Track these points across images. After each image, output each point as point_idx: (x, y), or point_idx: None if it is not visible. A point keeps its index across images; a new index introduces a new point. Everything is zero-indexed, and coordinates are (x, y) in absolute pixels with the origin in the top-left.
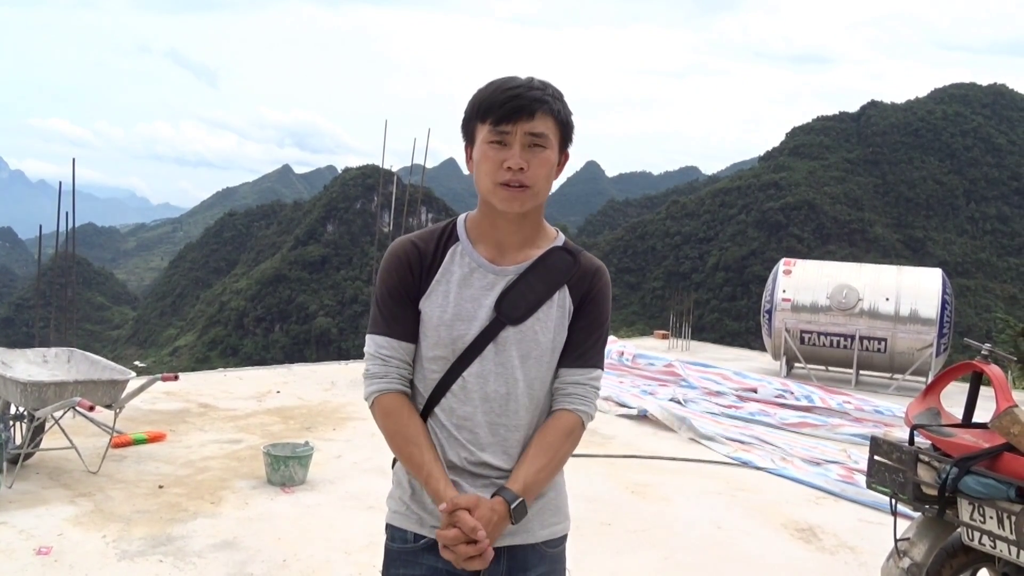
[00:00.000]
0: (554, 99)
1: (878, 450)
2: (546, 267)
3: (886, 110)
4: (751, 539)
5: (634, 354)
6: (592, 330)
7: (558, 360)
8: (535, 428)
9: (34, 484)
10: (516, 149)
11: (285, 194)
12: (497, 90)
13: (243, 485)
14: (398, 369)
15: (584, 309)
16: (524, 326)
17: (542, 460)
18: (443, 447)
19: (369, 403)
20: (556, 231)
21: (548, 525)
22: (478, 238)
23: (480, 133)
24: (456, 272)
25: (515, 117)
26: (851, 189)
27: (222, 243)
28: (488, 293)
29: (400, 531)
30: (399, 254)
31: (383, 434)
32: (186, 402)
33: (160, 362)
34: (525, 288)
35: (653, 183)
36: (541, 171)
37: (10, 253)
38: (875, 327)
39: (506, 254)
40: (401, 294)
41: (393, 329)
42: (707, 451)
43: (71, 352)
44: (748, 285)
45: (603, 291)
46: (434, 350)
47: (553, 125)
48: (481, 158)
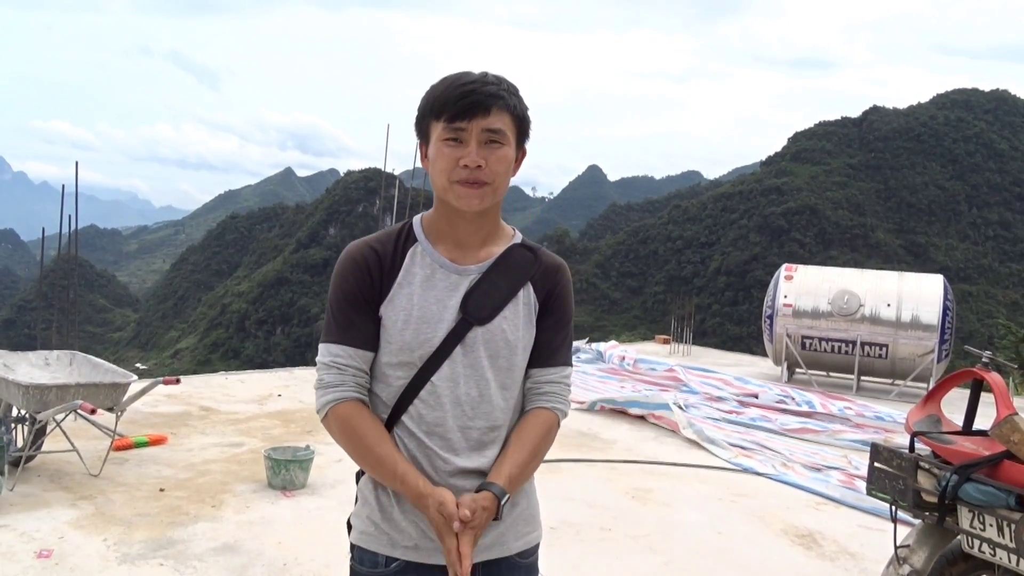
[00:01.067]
0: (509, 94)
1: (878, 457)
2: (508, 265)
3: (888, 115)
4: (751, 545)
5: (635, 359)
6: (560, 328)
7: (528, 360)
8: (508, 429)
9: (35, 487)
10: (473, 146)
11: (287, 197)
12: (451, 86)
13: (244, 489)
14: (355, 378)
15: (550, 307)
16: (491, 325)
17: (524, 457)
18: (414, 458)
19: (323, 414)
20: (513, 229)
21: (522, 536)
22: (437, 238)
23: (435, 130)
24: (418, 274)
25: (470, 114)
26: (853, 194)
27: (224, 246)
28: (452, 294)
29: (370, 554)
30: (356, 258)
31: (343, 444)
32: (187, 405)
33: (161, 364)
34: (489, 287)
35: (655, 187)
36: (499, 167)
37: (12, 255)
38: (876, 333)
39: (467, 253)
40: (359, 300)
41: (350, 336)
42: (708, 456)
43: (73, 355)
44: (750, 290)
45: (566, 288)
46: (399, 356)
47: (509, 121)
48: (436, 156)
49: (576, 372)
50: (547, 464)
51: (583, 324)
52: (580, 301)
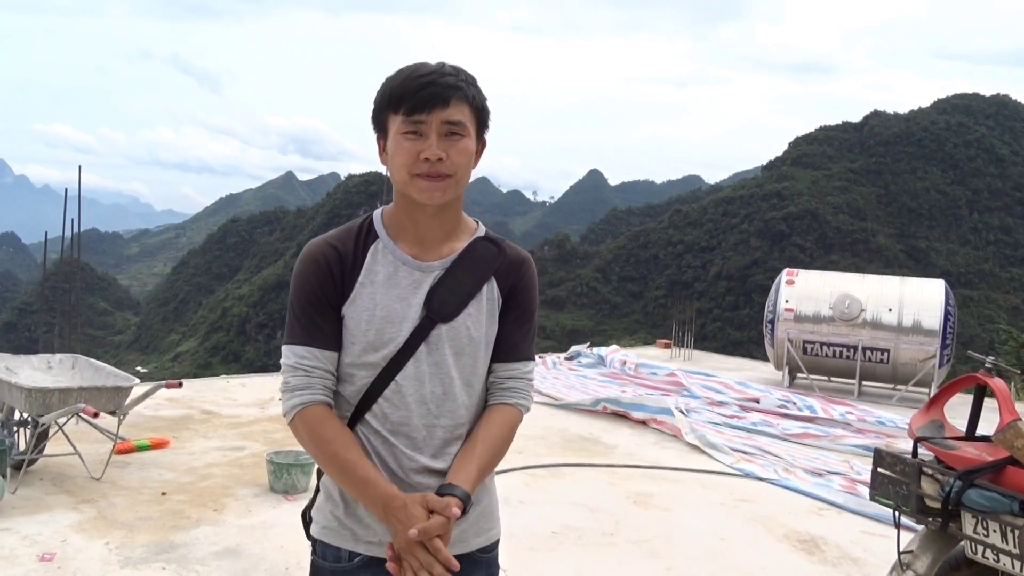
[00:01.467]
0: (468, 85)
1: (881, 462)
2: (472, 259)
3: (889, 120)
4: (753, 550)
5: (636, 363)
6: (522, 323)
7: (491, 354)
8: (471, 424)
9: (38, 490)
10: (433, 139)
11: (288, 201)
12: (409, 78)
13: (246, 493)
14: (322, 380)
15: (513, 301)
16: (456, 322)
17: (487, 457)
18: (378, 455)
19: (290, 418)
20: (476, 221)
21: (482, 532)
22: (398, 234)
23: (393, 124)
24: (380, 272)
25: (430, 106)
26: (854, 199)
27: (225, 249)
28: (416, 291)
29: (332, 548)
30: (317, 257)
31: (310, 448)
32: (189, 409)
33: (162, 368)
34: (453, 283)
35: (656, 192)
36: (460, 159)
37: (13, 258)
38: (878, 338)
39: (429, 249)
40: (321, 300)
41: (314, 338)
42: (709, 461)
43: (75, 358)
44: (750, 294)
45: (531, 281)
46: (363, 356)
47: (469, 112)
48: (396, 150)
49: (577, 376)
50: (548, 468)
51: (584, 328)
52: (581, 305)
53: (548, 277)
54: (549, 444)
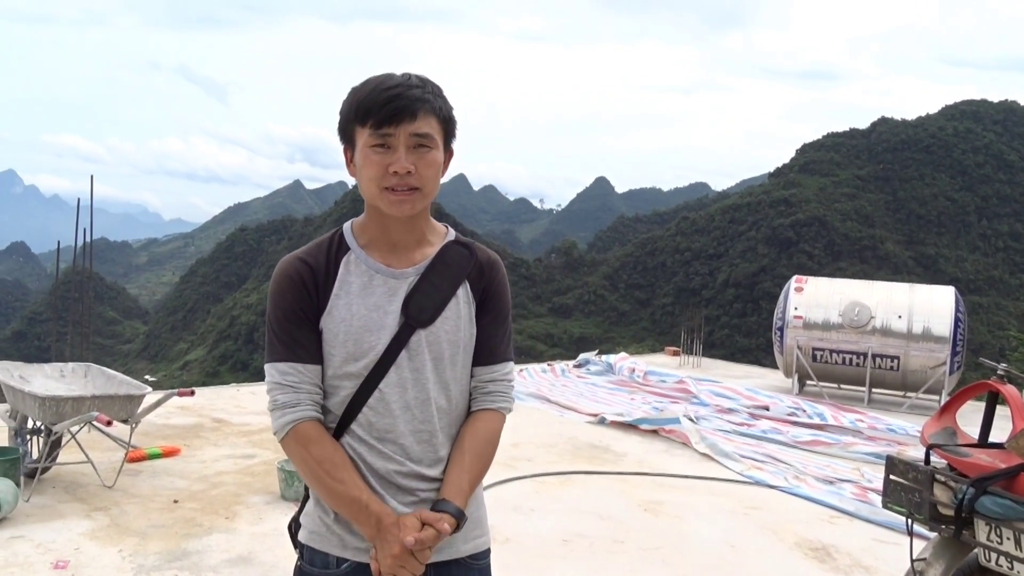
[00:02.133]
0: (435, 96)
1: (894, 470)
2: (445, 264)
3: (896, 126)
4: (764, 558)
5: (645, 371)
6: (499, 324)
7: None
8: (456, 427)
9: (51, 498)
10: (401, 152)
11: (296, 209)
12: (375, 90)
13: (257, 500)
14: (310, 395)
15: (487, 304)
16: (434, 327)
17: (476, 468)
18: (365, 460)
19: (281, 436)
20: (446, 226)
21: (471, 539)
22: (369, 244)
23: (360, 137)
24: (354, 282)
25: (397, 119)
26: (862, 206)
27: (233, 258)
28: (392, 299)
29: (320, 554)
30: (290, 274)
31: (302, 466)
32: (200, 417)
33: (171, 376)
34: (429, 288)
35: (663, 199)
36: (428, 172)
37: (23, 267)
38: (887, 345)
39: (401, 257)
40: (299, 315)
41: (296, 353)
42: (719, 469)
43: (88, 367)
44: (758, 302)
45: (502, 283)
46: (344, 367)
47: (436, 124)
48: (364, 163)
49: (586, 384)
50: (558, 476)
51: (591, 336)
52: (588, 313)
53: (555, 285)
54: (559, 452)
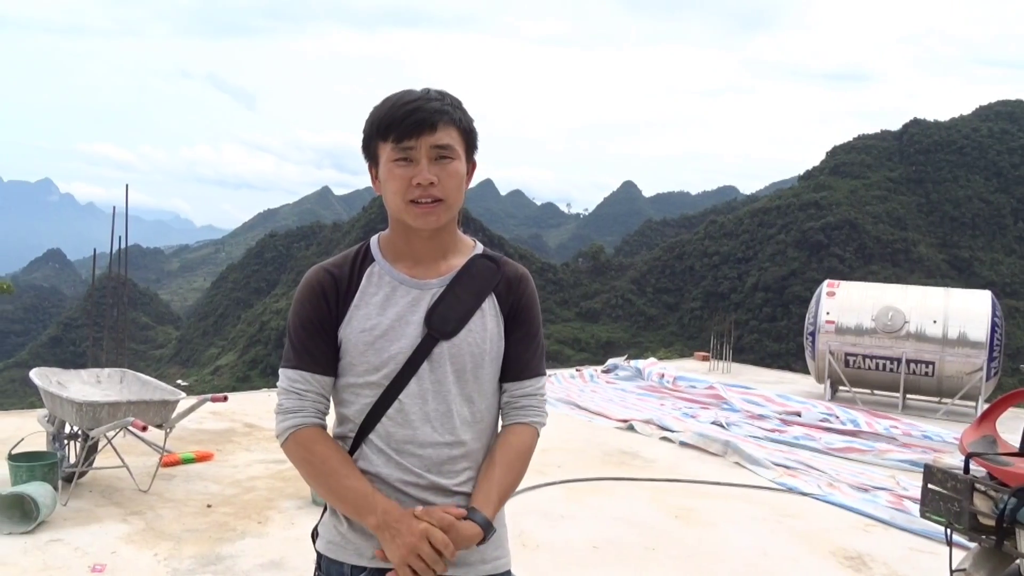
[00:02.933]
0: (454, 108)
1: (932, 478)
2: (471, 276)
3: (929, 128)
4: (798, 567)
5: (675, 376)
6: (530, 340)
7: (500, 374)
8: (482, 442)
9: (88, 502)
10: (423, 164)
11: (324, 215)
12: (395, 106)
13: (289, 505)
14: (314, 404)
15: (517, 319)
16: (457, 339)
17: (506, 480)
18: (380, 471)
19: (283, 440)
20: (473, 240)
21: (490, 560)
22: (395, 257)
23: (383, 152)
24: (377, 293)
25: (418, 132)
26: (894, 208)
27: (263, 264)
28: (415, 309)
29: (336, 563)
30: (312, 284)
31: (303, 469)
32: (232, 422)
33: (202, 381)
34: (453, 300)
35: (691, 203)
36: (451, 183)
37: (59, 274)
38: (922, 350)
39: (427, 268)
40: (315, 325)
41: (305, 362)
42: (751, 476)
43: (123, 373)
44: (788, 306)
45: (532, 298)
46: (364, 376)
47: (457, 135)
48: (388, 177)
49: (615, 389)
50: (588, 483)
51: (619, 340)
52: (616, 317)
53: (583, 289)
54: (589, 458)
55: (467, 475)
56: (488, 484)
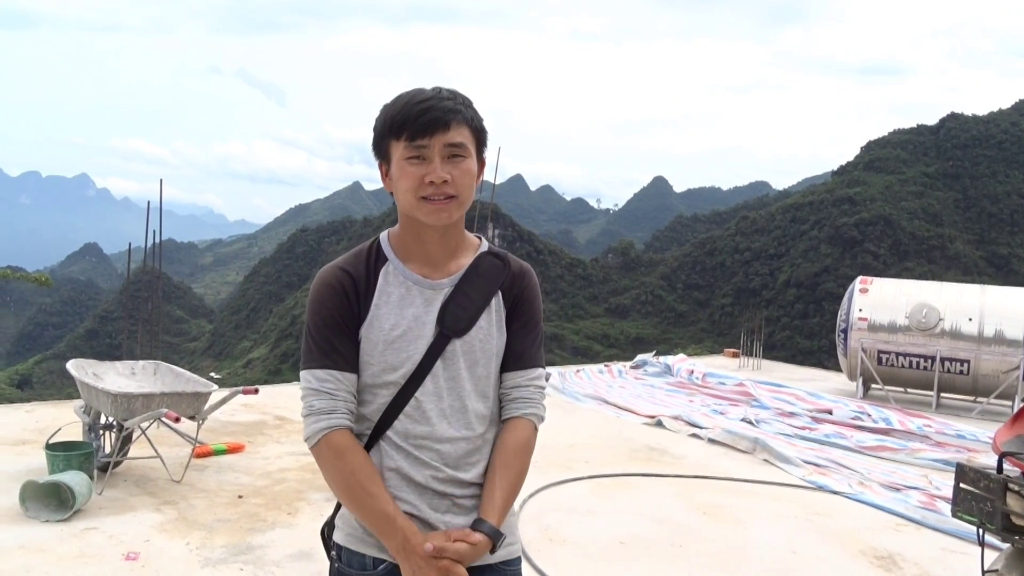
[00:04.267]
0: (466, 107)
1: (964, 478)
2: (479, 274)
3: (967, 122)
4: (828, 566)
5: (704, 373)
6: (528, 331)
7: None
8: (493, 434)
9: (122, 491)
10: (436, 162)
11: (355, 210)
12: (408, 104)
13: (318, 497)
14: (345, 403)
15: (517, 311)
16: (469, 336)
17: (510, 481)
18: (400, 467)
19: (313, 442)
20: (479, 237)
21: (504, 546)
22: (406, 256)
23: (396, 150)
24: (393, 293)
25: (431, 130)
26: (930, 204)
27: (294, 258)
28: (428, 309)
29: (357, 555)
30: (331, 283)
31: (332, 475)
32: (263, 414)
33: (235, 374)
34: (463, 299)
35: (722, 198)
36: (464, 181)
37: (95, 267)
38: (957, 348)
39: (437, 268)
40: (339, 324)
41: (334, 360)
42: (781, 474)
43: (157, 365)
44: (821, 303)
45: (533, 291)
46: (382, 376)
47: (469, 134)
48: (400, 175)
49: (644, 385)
50: (615, 478)
51: (648, 337)
52: (646, 313)
53: (612, 285)
54: (616, 453)
55: (482, 466)
56: (491, 491)
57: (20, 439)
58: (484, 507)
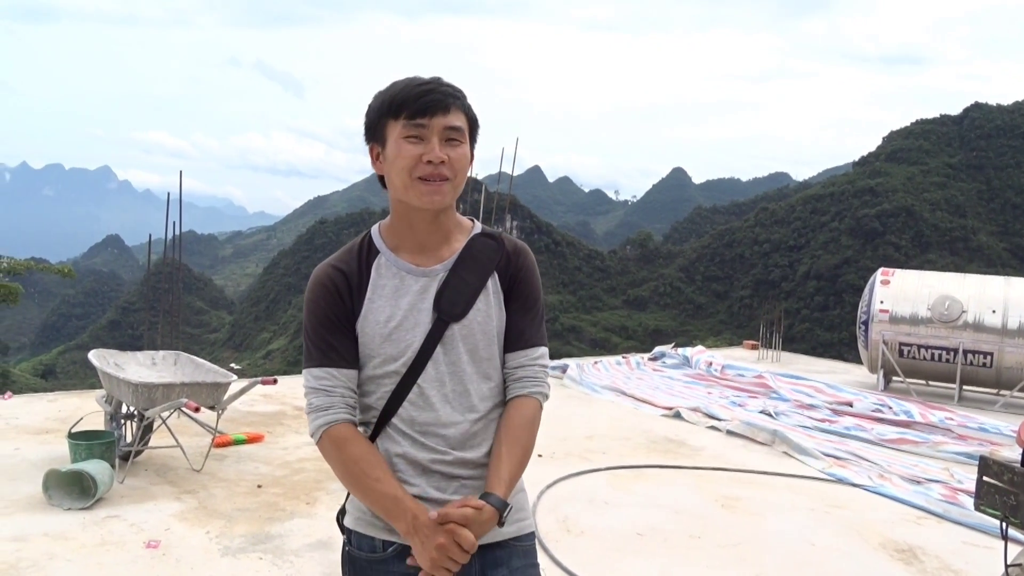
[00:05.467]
0: (463, 97)
1: (987, 471)
2: (473, 257)
3: (991, 112)
4: (847, 559)
5: (723, 365)
6: (527, 309)
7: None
8: (498, 414)
9: (143, 480)
10: (435, 142)
11: (374, 202)
12: (408, 86)
13: (336, 487)
14: (343, 398)
15: (515, 291)
16: (467, 320)
17: (517, 455)
18: (407, 452)
19: (316, 438)
20: (472, 220)
21: (514, 522)
22: (398, 245)
23: (393, 130)
24: (387, 285)
25: (432, 111)
26: (953, 195)
27: (313, 250)
28: (424, 297)
29: (367, 538)
30: (324, 281)
31: (337, 466)
32: (282, 405)
33: (255, 365)
34: (458, 282)
35: (741, 189)
36: (459, 164)
37: (117, 259)
38: (980, 341)
39: (430, 254)
40: (333, 321)
41: (330, 358)
42: (799, 466)
43: (178, 355)
44: (841, 295)
45: (529, 269)
46: (383, 367)
47: (465, 121)
48: (397, 154)
49: (662, 377)
50: (633, 470)
51: (667, 329)
52: (664, 305)
53: (630, 277)
54: (634, 445)
55: (487, 445)
56: (498, 465)
57: (43, 428)
58: (490, 480)
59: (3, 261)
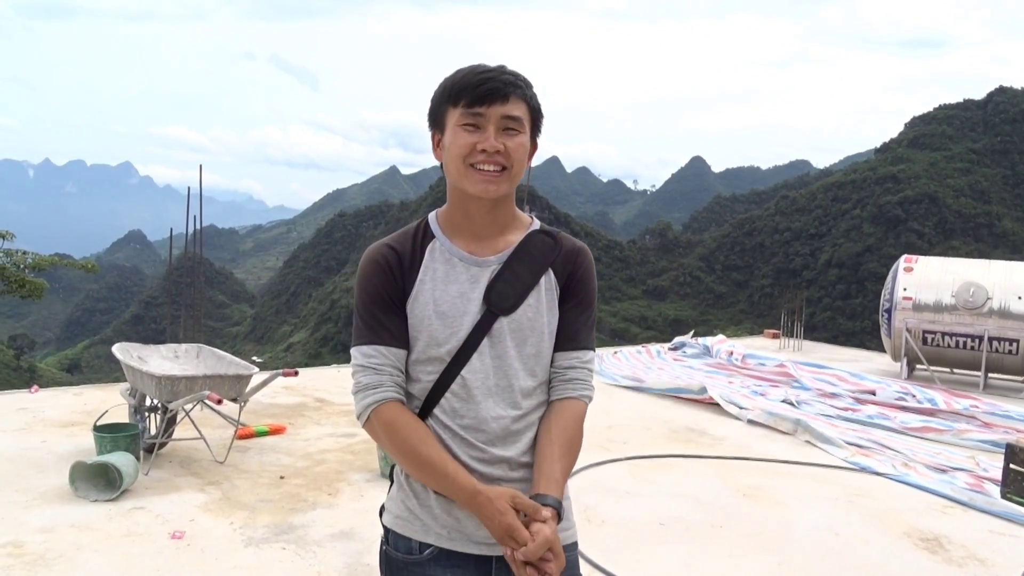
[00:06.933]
0: (526, 86)
1: (1015, 458)
2: (528, 252)
3: (1016, 96)
4: (871, 548)
5: (744, 354)
6: (580, 311)
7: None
8: (540, 413)
9: (167, 472)
10: (491, 131)
11: (392, 195)
12: (469, 74)
13: (358, 478)
14: (392, 377)
15: (571, 290)
16: (516, 315)
17: (567, 457)
18: (448, 447)
19: (364, 418)
20: (531, 216)
21: (560, 531)
22: (453, 232)
23: (451, 117)
24: (439, 270)
25: (489, 99)
26: (977, 181)
27: (333, 243)
28: (475, 286)
29: (404, 539)
30: (377, 259)
31: (388, 446)
32: (303, 397)
33: (276, 358)
34: (511, 276)
35: (761, 178)
36: (517, 154)
37: (140, 254)
38: (1006, 328)
39: (485, 244)
40: (385, 299)
41: (380, 336)
42: (822, 455)
43: (200, 348)
44: (863, 283)
45: (588, 271)
46: (427, 352)
47: (526, 110)
48: (453, 141)
49: (683, 366)
50: (654, 459)
51: (687, 318)
52: (684, 295)
53: (650, 267)
54: (655, 435)
55: (525, 443)
56: (550, 464)
57: (69, 421)
58: (541, 480)
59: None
